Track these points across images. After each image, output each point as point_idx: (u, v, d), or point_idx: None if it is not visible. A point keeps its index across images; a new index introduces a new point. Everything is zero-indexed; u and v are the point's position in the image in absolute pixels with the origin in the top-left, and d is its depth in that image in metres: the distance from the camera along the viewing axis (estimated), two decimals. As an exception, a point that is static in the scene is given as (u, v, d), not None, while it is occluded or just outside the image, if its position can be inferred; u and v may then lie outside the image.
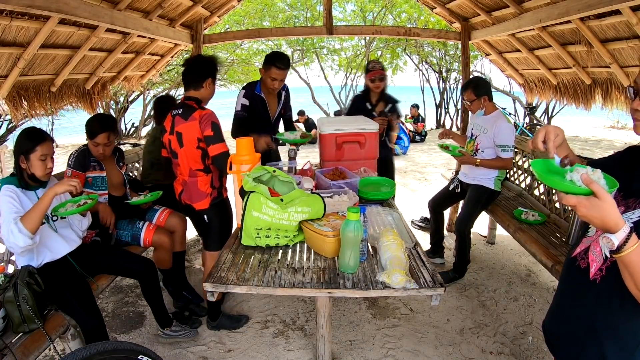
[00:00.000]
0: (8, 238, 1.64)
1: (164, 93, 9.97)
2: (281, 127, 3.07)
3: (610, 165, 1.04)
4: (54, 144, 1.90)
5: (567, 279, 1.08)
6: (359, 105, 3.17)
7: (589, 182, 0.80)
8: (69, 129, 14.66)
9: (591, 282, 0.96)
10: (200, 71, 2.16)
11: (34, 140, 1.80)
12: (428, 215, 3.34)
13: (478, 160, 2.74)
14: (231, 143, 1.89)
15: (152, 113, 2.99)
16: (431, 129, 11.42)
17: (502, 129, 2.65)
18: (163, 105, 2.96)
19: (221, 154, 2.04)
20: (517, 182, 3.42)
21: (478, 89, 2.76)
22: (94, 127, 2.26)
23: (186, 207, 2.27)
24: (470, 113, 2.97)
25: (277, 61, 2.68)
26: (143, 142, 3.30)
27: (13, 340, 1.61)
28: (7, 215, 1.66)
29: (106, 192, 2.39)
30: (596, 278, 0.95)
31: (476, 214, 2.91)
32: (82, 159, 2.27)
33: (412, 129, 8.88)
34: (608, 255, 0.89)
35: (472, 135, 2.91)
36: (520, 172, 3.40)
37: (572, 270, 1.04)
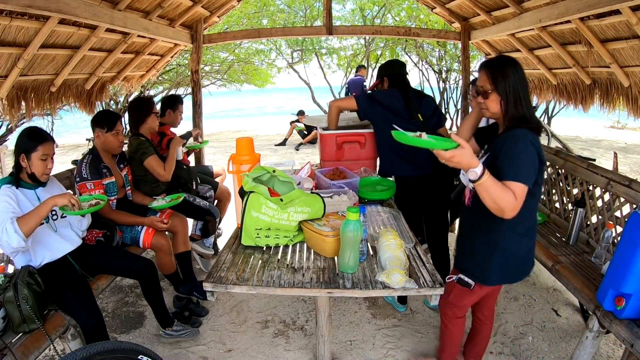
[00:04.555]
0: (1, 236, 1.62)
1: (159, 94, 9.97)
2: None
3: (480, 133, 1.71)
4: (54, 145, 1.91)
5: (461, 213, 1.67)
6: None
7: (456, 138, 1.29)
8: (69, 129, 14.70)
9: (467, 207, 1.57)
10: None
11: (36, 140, 1.80)
12: None
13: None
14: (231, 143, 1.89)
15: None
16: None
17: None
18: (140, 109, 2.74)
19: None
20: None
21: None
22: (110, 117, 2.31)
23: None
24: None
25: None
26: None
27: (13, 340, 1.61)
28: (2, 215, 1.65)
29: (116, 197, 2.40)
30: (470, 205, 1.55)
31: None
32: (95, 168, 2.26)
33: None
34: (471, 186, 1.42)
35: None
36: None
37: (462, 207, 1.64)
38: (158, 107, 3.08)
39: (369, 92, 2.47)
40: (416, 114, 2.28)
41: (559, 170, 2.81)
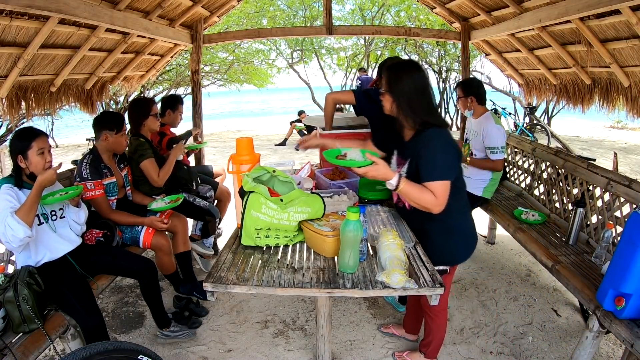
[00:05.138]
0: (5, 232, 1.62)
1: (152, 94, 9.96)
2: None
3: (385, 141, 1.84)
4: (54, 144, 1.91)
5: (404, 214, 1.81)
6: None
7: (370, 157, 1.51)
8: (69, 129, 14.70)
9: (409, 210, 1.70)
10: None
11: (27, 138, 1.81)
12: None
13: (468, 160, 2.76)
14: (231, 143, 1.89)
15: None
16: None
17: (489, 131, 2.64)
18: (141, 110, 2.72)
19: None
20: (517, 182, 3.42)
21: (467, 88, 2.77)
22: (117, 119, 2.31)
23: None
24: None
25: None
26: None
27: (13, 340, 1.60)
28: (3, 212, 1.65)
29: (117, 197, 2.39)
30: (411, 208, 1.67)
31: None
32: (95, 168, 2.25)
33: None
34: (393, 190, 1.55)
35: (466, 139, 2.93)
36: (520, 172, 3.40)
37: (402, 209, 1.78)
38: (159, 106, 3.07)
39: (368, 89, 2.48)
40: None
41: (559, 170, 2.81)
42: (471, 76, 4.22)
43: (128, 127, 2.85)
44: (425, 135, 1.55)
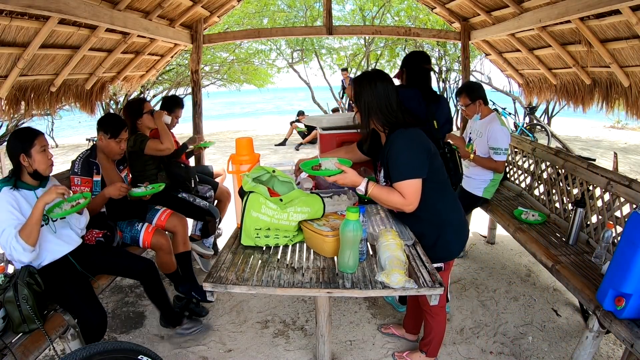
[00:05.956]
0: (12, 253, 1.67)
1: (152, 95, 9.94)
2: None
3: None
4: (54, 144, 1.92)
5: (395, 217, 1.86)
6: None
7: (339, 166, 1.59)
8: (69, 129, 14.71)
9: (397, 213, 1.76)
10: None
11: (30, 137, 1.83)
12: None
13: (471, 156, 2.76)
14: (231, 143, 1.89)
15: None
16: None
17: (494, 132, 2.65)
18: (133, 111, 2.75)
19: None
20: (517, 182, 3.42)
21: (472, 93, 2.77)
22: (115, 125, 2.29)
23: None
24: None
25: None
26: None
27: (13, 340, 1.61)
28: (7, 227, 1.68)
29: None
30: (397, 210, 1.69)
31: None
32: (87, 165, 2.26)
33: None
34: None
35: (469, 139, 2.92)
36: (520, 172, 3.40)
37: (392, 212, 1.85)
38: (157, 107, 3.07)
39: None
40: (432, 119, 2.26)
41: (559, 170, 2.81)
42: (472, 78, 4.22)
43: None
44: (391, 138, 1.60)
